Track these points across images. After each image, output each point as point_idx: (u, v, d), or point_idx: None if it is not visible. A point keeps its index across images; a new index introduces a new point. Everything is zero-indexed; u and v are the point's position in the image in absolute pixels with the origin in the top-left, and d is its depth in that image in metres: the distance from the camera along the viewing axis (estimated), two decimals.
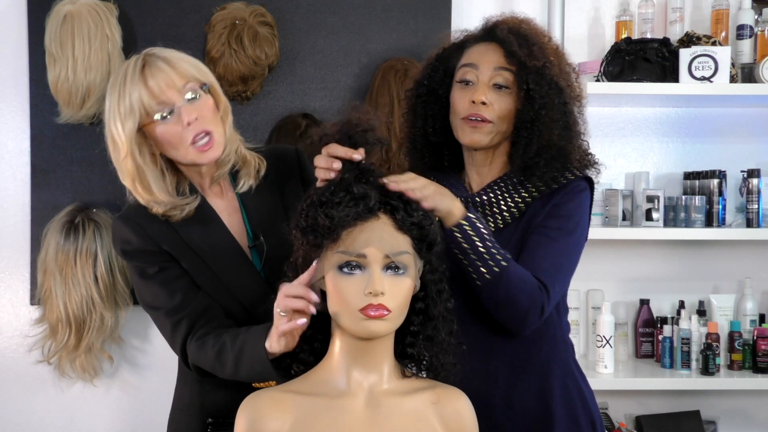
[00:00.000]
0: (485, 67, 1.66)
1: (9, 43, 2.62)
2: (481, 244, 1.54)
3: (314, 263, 1.38)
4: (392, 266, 1.33)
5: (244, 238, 1.70)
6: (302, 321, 1.37)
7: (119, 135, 1.55)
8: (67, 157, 2.61)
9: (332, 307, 1.35)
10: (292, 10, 2.67)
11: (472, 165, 1.75)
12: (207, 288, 1.65)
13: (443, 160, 1.79)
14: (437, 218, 1.48)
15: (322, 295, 1.39)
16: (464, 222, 1.54)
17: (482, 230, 1.55)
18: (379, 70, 2.64)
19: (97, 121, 2.59)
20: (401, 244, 1.34)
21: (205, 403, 1.70)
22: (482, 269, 1.55)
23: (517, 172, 1.68)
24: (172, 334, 1.63)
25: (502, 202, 1.69)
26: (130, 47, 2.58)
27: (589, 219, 1.75)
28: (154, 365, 2.67)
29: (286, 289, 1.39)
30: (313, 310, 1.37)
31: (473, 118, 1.65)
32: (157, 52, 1.59)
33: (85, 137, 2.61)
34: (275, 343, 1.43)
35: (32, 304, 2.62)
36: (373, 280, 1.30)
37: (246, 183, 1.69)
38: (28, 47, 2.61)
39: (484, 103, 1.64)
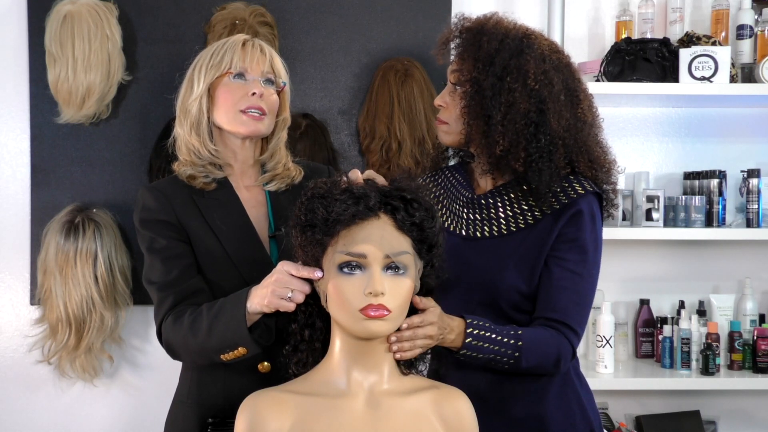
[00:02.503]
0: (449, 73, 1.74)
1: (9, 43, 2.62)
2: (491, 349, 1.55)
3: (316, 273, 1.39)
4: (392, 266, 1.33)
5: (264, 230, 1.74)
6: (293, 306, 1.44)
7: (199, 79, 1.71)
8: (67, 157, 2.61)
9: (332, 307, 1.35)
10: (292, 10, 2.67)
11: (477, 161, 1.76)
12: (217, 269, 1.68)
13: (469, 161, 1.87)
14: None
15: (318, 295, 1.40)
16: (464, 350, 1.54)
17: (485, 335, 1.55)
18: (379, 70, 2.64)
19: (97, 121, 2.59)
20: (402, 244, 1.34)
21: (202, 396, 1.71)
22: (500, 364, 1.58)
23: (520, 181, 1.69)
24: (157, 309, 1.67)
25: (508, 208, 1.69)
26: (130, 47, 2.59)
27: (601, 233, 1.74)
28: (154, 365, 2.67)
29: (294, 269, 1.43)
30: (300, 298, 1.42)
31: (438, 122, 1.76)
32: (259, 40, 1.78)
33: (85, 137, 2.61)
34: (257, 304, 1.49)
35: (32, 304, 2.62)
36: (373, 280, 1.30)
37: (277, 184, 1.77)
38: (28, 47, 2.61)
39: (441, 106, 1.73)
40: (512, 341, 1.56)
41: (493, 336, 1.55)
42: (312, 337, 1.43)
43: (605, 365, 2.53)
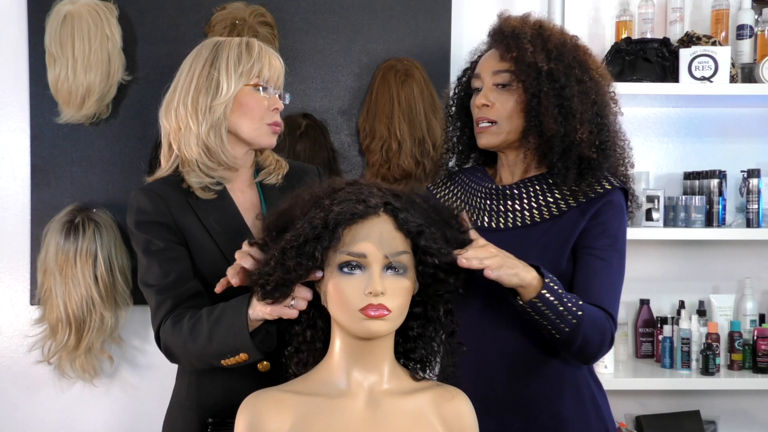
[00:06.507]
0: (485, 73, 1.74)
1: (9, 43, 2.62)
2: (560, 305, 1.53)
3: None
4: (392, 266, 1.32)
5: (260, 232, 1.72)
6: (296, 313, 1.42)
7: (229, 84, 1.69)
8: (67, 157, 2.61)
9: (332, 307, 1.34)
10: (292, 10, 2.67)
11: (505, 164, 1.78)
12: (214, 271, 1.67)
13: (479, 161, 1.88)
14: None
15: (317, 295, 1.40)
16: (545, 291, 1.52)
17: (559, 291, 1.54)
18: (379, 70, 2.64)
19: (97, 121, 2.59)
20: (401, 244, 1.34)
21: (201, 398, 1.70)
22: (561, 325, 1.55)
23: (545, 175, 1.71)
24: (155, 312, 1.66)
25: (533, 200, 1.71)
26: (130, 47, 2.59)
27: None
28: (154, 365, 2.67)
29: None
30: (303, 305, 1.40)
31: (480, 123, 1.74)
32: (273, 49, 1.79)
33: (85, 137, 2.61)
34: (259, 311, 1.47)
35: (32, 304, 2.62)
36: (373, 280, 1.30)
37: (274, 176, 1.80)
38: (28, 47, 2.61)
39: (486, 106, 1.72)
40: (576, 305, 1.55)
41: (562, 292, 1.54)
42: (313, 337, 1.43)
43: (605, 365, 2.53)
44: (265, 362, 1.64)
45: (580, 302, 1.57)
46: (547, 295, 1.51)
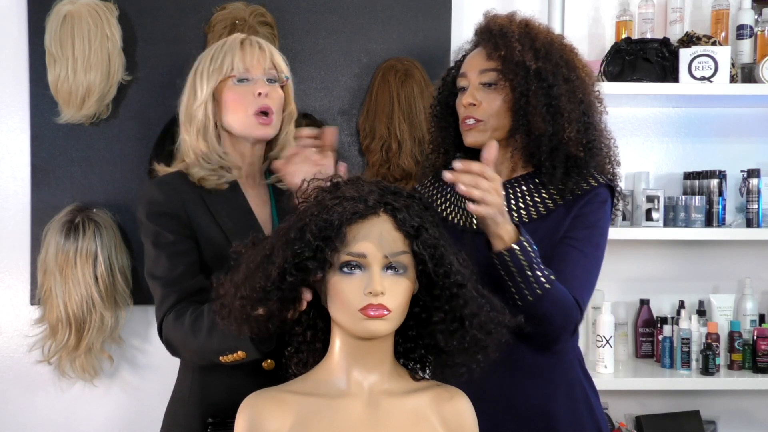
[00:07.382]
0: (471, 72, 1.74)
1: (9, 43, 2.62)
2: (529, 270, 1.54)
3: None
4: (392, 266, 1.32)
5: (269, 230, 1.75)
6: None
7: (201, 85, 1.72)
8: (67, 157, 2.61)
9: (332, 307, 1.34)
10: (292, 10, 2.67)
11: (507, 159, 1.77)
12: (223, 265, 1.67)
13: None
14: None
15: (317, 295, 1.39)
16: (516, 247, 1.53)
17: (531, 254, 1.55)
18: (379, 70, 2.64)
19: (97, 121, 2.59)
20: (401, 244, 1.34)
21: (205, 395, 1.71)
22: (525, 291, 1.56)
23: (532, 174, 1.71)
24: (159, 305, 1.68)
25: (520, 200, 1.71)
26: (130, 47, 2.59)
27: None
28: (154, 365, 2.67)
29: None
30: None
31: (467, 121, 1.73)
32: (256, 37, 1.80)
33: (85, 137, 2.61)
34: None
35: (32, 304, 2.62)
36: (373, 280, 1.30)
37: (282, 183, 1.79)
38: (28, 47, 2.61)
39: (473, 104, 1.72)
40: (546, 277, 1.56)
41: (536, 259, 1.55)
42: (313, 337, 1.43)
43: (605, 365, 2.53)
44: (269, 360, 1.65)
45: (553, 277, 1.57)
46: (518, 253, 1.53)
